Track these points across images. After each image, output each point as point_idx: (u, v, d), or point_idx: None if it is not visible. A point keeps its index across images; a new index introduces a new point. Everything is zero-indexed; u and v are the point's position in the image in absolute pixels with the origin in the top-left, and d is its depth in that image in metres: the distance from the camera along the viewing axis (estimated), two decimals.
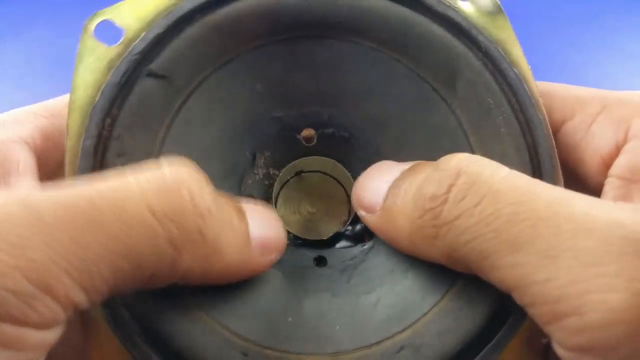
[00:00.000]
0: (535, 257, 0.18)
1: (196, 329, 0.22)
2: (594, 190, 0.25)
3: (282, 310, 0.24)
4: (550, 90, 0.26)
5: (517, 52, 0.25)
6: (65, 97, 0.27)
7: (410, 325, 0.23)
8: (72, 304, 0.18)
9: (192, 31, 0.25)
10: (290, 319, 0.23)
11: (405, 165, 0.24)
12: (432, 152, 0.25)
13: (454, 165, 0.21)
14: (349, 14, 0.25)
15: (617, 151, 0.24)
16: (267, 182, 0.28)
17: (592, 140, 0.25)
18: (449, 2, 0.25)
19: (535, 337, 0.23)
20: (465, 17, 0.25)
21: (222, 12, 0.25)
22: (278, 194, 0.29)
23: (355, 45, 0.26)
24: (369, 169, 0.26)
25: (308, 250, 0.28)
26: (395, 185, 0.23)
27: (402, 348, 0.22)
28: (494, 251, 0.19)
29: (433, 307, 0.23)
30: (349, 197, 0.29)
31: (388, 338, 0.22)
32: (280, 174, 0.28)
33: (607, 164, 0.24)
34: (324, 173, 0.29)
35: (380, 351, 0.22)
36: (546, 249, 0.18)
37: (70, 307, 0.18)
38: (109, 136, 0.23)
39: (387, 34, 0.25)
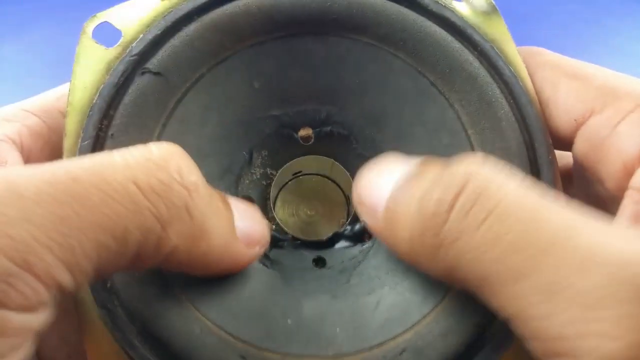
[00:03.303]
0: (537, 290, 0.17)
1: (194, 330, 0.22)
2: (609, 193, 0.24)
3: (281, 313, 0.23)
4: (590, 75, 0.25)
5: (511, 50, 0.25)
6: (56, 90, 0.27)
7: (411, 327, 0.22)
8: (55, 283, 0.16)
9: (188, 30, 0.25)
10: (289, 321, 0.23)
11: (412, 160, 0.22)
12: (431, 146, 0.25)
13: (463, 171, 0.19)
14: (347, 10, 0.25)
15: None
16: (264, 182, 0.28)
17: (617, 140, 0.23)
18: (444, 3, 0.25)
19: None
20: (460, 17, 0.25)
21: (219, 11, 0.25)
22: (276, 196, 0.29)
23: (353, 41, 0.26)
24: (373, 164, 0.23)
25: (307, 251, 0.27)
26: (400, 186, 0.21)
27: (404, 350, 0.22)
28: (496, 278, 0.18)
29: (435, 307, 0.22)
30: (347, 199, 0.29)
31: (389, 340, 0.22)
32: (278, 175, 0.28)
33: (629, 169, 0.23)
34: (322, 175, 0.29)
35: (382, 353, 0.22)
36: (548, 282, 0.17)
37: (53, 287, 0.16)
38: (106, 136, 0.23)
39: (384, 30, 0.25)
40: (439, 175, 0.20)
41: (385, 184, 0.22)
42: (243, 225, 0.22)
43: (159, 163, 0.19)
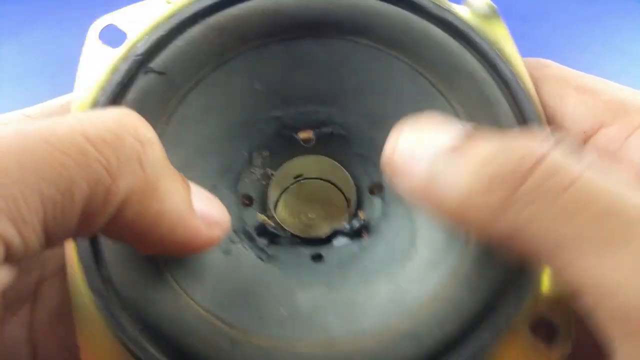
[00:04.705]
0: (628, 262, 0.16)
1: (185, 317, 0.22)
2: None
3: (275, 302, 0.23)
4: (597, 88, 0.25)
5: (511, 51, 0.26)
6: (61, 98, 0.27)
7: (408, 315, 0.22)
8: (2, 240, 0.16)
9: (192, 31, 0.25)
10: (282, 309, 0.23)
11: (460, 125, 0.21)
12: None
13: (541, 142, 0.18)
14: (349, 12, 0.25)
15: None
16: (264, 182, 0.28)
17: (628, 153, 0.23)
18: (445, 6, 0.26)
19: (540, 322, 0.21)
20: (461, 19, 0.25)
21: (224, 13, 0.25)
22: (278, 199, 0.29)
23: (354, 44, 0.26)
24: (412, 122, 0.22)
25: (305, 248, 0.28)
26: (455, 145, 0.20)
27: (399, 336, 0.21)
28: (577, 246, 0.17)
29: (431, 295, 0.22)
30: (348, 202, 0.29)
31: (384, 326, 0.22)
32: (277, 173, 0.28)
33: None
34: (324, 180, 0.30)
35: (376, 338, 0.21)
36: None
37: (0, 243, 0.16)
38: None
39: (385, 32, 0.26)
40: (514, 138, 0.19)
41: (431, 143, 0.21)
42: (201, 205, 0.22)
43: (113, 118, 0.18)
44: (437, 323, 0.21)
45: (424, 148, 0.21)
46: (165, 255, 0.22)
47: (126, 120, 0.19)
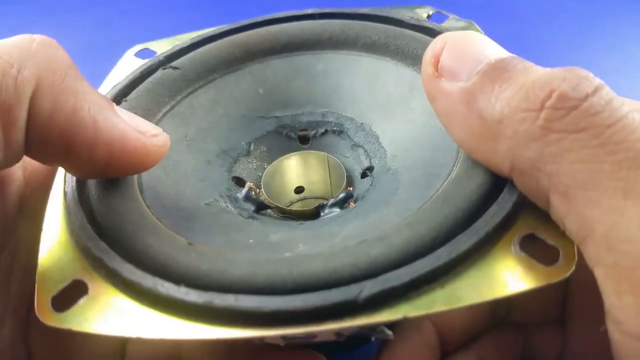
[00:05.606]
0: None
1: (148, 223, 0.21)
2: None
3: (245, 237, 0.23)
4: None
5: None
6: None
7: (377, 230, 0.21)
8: None
9: (209, 45, 0.31)
10: (251, 240, 0.23)
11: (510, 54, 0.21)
12: (416, 124, 0.27)
13: (594, 77, 0.18)
14: (341, 28, 0.31)
15: None
16: (259, 174, 0.31)
17: None
18: (422, 18, 0.30)
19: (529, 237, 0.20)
20: (437, 25, 0.29)
21: (236, 35, 0.31)
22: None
23: (346, 55, 0.30)
24: (464, 35, 0.22)
25: (292, 222, 0.28)
26: (502, 62, 0.20)
27: (363, 241, 0.20)
28: (603, 186, 0.16)
29: (404, 215, 0.21)
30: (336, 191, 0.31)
31: (351, 240, 0.21)
32: (274, 163, 0.31)
33: None
34: (324, 199, 0.33)
35: (341, 247, 0.20)
36: None
37: None
38: (120, 101, 0.27)
39: (372, 39, 0.30)
40: (564, 70, 0.18)
41: (481, 57, 0.20)
42: (128, 117, 0.21)
43: (21, 35, 0.20)
44: (405, 226, 0.20)
45: (472, 55, 0.20)
46: (142, 191, 0.23)
47: (34, 36, 0.20)
